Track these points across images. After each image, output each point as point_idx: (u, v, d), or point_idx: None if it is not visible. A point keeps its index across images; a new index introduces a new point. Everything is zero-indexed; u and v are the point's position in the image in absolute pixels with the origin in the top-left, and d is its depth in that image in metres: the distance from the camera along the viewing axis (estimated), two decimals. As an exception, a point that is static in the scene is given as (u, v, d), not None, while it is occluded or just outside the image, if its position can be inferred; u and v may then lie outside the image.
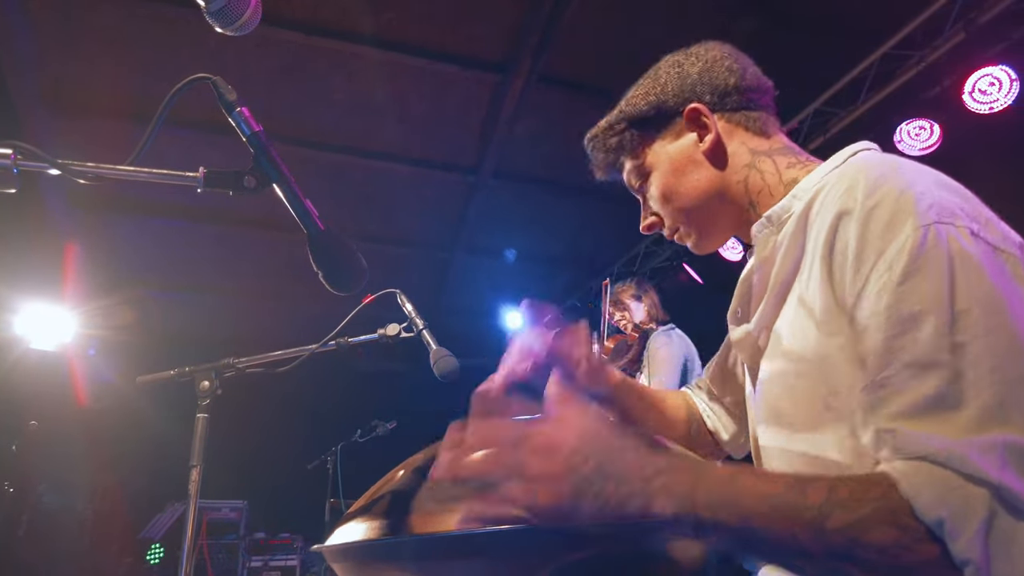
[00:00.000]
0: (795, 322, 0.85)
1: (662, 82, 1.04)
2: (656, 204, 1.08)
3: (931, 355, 0.64)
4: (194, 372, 1.66)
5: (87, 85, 4.69)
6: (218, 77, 0.92)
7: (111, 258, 6.07)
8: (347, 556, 0.80)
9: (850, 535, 0.59)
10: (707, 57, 1.04)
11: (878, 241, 0.71)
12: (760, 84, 1.04)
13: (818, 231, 0.81)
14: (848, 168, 0.84)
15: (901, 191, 0.73)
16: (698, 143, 1.01)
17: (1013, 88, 3.30)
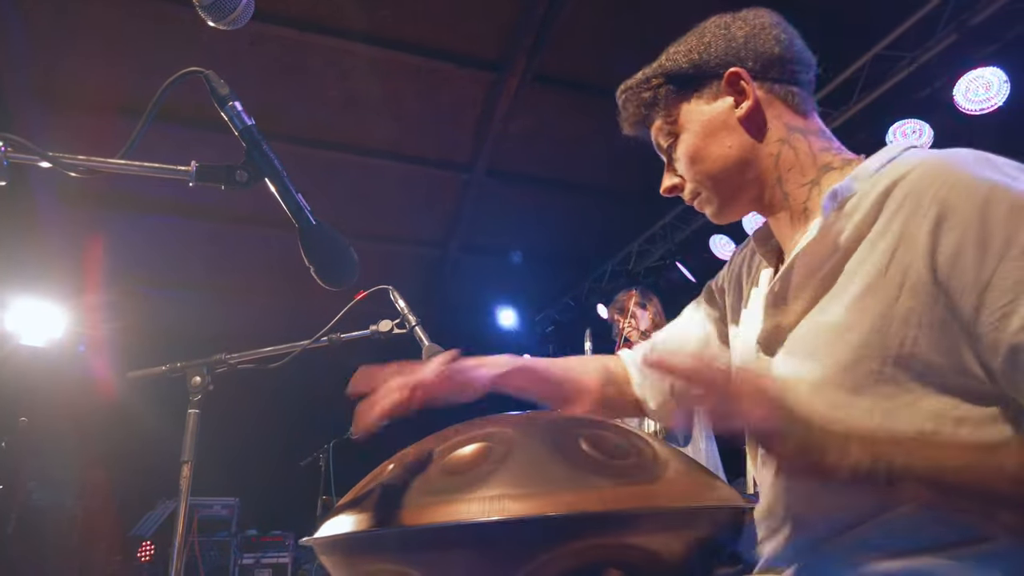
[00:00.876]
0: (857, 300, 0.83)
1: (706, 41, 1.01)
2: (682, 166, 1.04)
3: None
4: (185, 368, 1.66)
5: (79, 79, 4.67)
6: (210, 71, 0.92)
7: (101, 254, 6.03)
8: (337, 548, 0.80)
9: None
10: (755, 23, 1.00)
11: (1004, 228, 0.71)
12: (805, 58, 1.01)
13: (906, 217, 0.79)
14: (937, 158, 0.82)
15: (1013, 183, 0.74)
16: (734, 108, 0.98)
17: (1004, 89, 3.33)
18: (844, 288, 0.86)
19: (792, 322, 0.93)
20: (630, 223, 6.07)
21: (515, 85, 5.07)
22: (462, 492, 0.71)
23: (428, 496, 0.73)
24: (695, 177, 1.03)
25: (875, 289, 0.81)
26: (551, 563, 0.68)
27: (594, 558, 0.71)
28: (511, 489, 0.70)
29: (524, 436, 0.79)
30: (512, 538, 0.68)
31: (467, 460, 0.78)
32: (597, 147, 5.67)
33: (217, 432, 2.47)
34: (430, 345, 1.64)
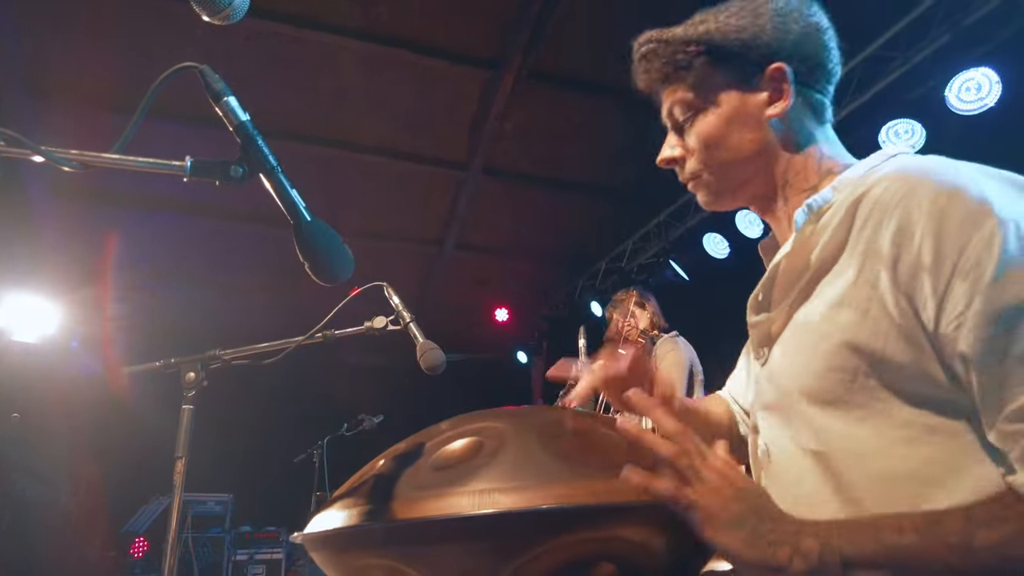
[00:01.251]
0: (829, 311, 0.84)
1: (761, 24, 0.94)
2: (693, 142, 0.99)
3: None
4: (180, 363, 1.65)
5: (72, 73, 4.65)
6: (205, 66, 0.92)
7: (95, 250, 6.00)
8: (327, 544, 0.80)
9: (1000, 552, 0.64)
10: (811, 21, 0.96)
11: (956, 237, 0.71)
12: (836, 71, 1.00)
13: (873, 230, 0.80)
14: (900, 170, 0.82)
15: (971, 188, 0.73)
16: (767, 104, 0.94)
17: (996, 90, 3.35)
18: (820, 300, 0.87)
19: (778, 332, 0.95)
20: (624, 221, 6.08)
21: (510, 82, 5.07)
22: (453, 486, 0.71)
23: (419, 490, 0.73)
24: (704, 160, 1.00)
25: (846, 301, 0.82)
26: (543, 557, 0.69)
27: (586, 551, 0.71)
28: (502, 483, 0.70)
29: (515, 430, 0.79)
30: (503, 532, 0.69)
31: (458, 454, 0.78)
32: (592, 145, 5.68)
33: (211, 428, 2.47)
34: (424, 342, 1.64)
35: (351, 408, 5.04)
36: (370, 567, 0.74)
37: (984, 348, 0.69)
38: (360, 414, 4.84)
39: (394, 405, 5.45)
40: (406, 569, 0.71)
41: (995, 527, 0.65)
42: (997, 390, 0.69)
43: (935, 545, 0.67)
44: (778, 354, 0.94)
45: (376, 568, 0.73)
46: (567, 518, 0.69)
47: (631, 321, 3.33)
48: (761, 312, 0.99)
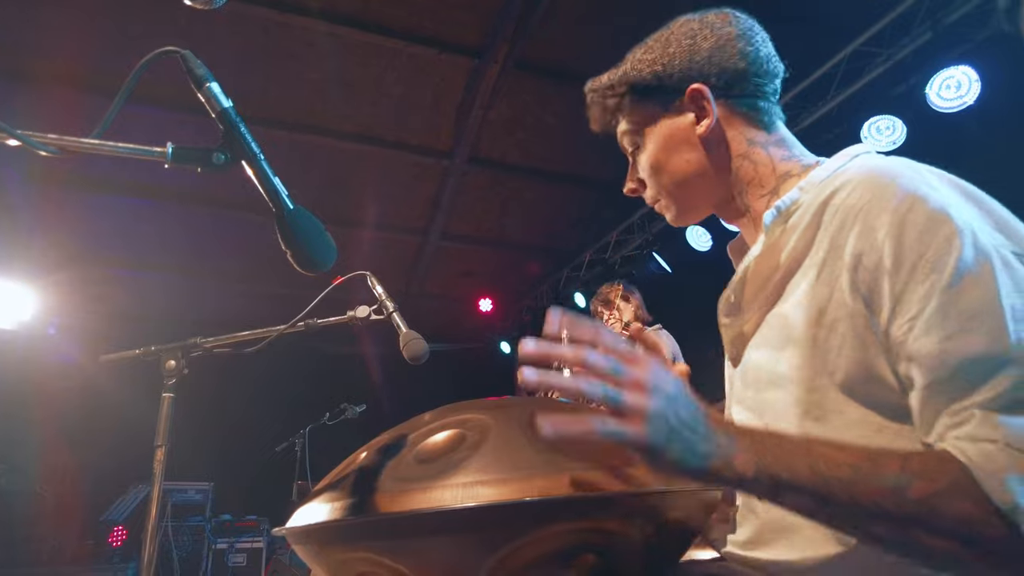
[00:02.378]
0: (797, 312, 0.86)
1: (671, 52, 0.99)
2: (644, 173, 1.06)
3: (993, 352, 0.67)
4: (160, 351, 1.63)
5: (48, 55, 4.54)
6: (187, 51, 0.91)
7: (72, 235, 5.91)
8: (310, 537, 0.80)
9: (930, 504, 0.64)
10: (722, 33, 0.99)
11: (916, 244, 0.73)
12: (771, 69, 1.01)
13: (837, 231, 0.82)
14: (866, 173, 0.83)
15: (931, 196, 0.75)
16: (695, 124, 0.99)
17: (975, 88, 3.39)
18: (788, 300, 0.89)
19: (751, 331, 0.97)
20: (609, 213, 6.10)
21: (496, 72, 5.04)
22: (436, 479, 0.71)
23: (402, 483, 0.73)
24: (655, 186, 1.06)
25: (807, 300, 0.84)
26: (525, 548, 0.69)
27: (568, 543, 0.72)
28: (485, 475, 0.70)
29: (498, 422, 0.79)
30: (486, 524, 0.69)
31: (441, 447, 0.78)
32: (577, 136, 5.66)
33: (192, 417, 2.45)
34: (407, 332, 1.63)
35: (333, 397, 5.02)
36: (354, 560, 0.74)
37: (933, 351, 0.70)
38: (342, 403, 4.83)
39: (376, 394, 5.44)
40: (390, 562, 0.71)
41: (931, 480, 0.65)
42: (942, 394, 0.70)
43: (868, 484, 0.67)
44: (750, 354, 0.96)
45: (360, 561, 0.73)
46: (549, 510, 0.69)
47: (615, 314, 3.37)
48: (732, 314, 1.01)
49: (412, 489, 0.71)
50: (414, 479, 0.73)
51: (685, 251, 5.23)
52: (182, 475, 5.33)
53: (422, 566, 0.71)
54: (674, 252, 5.42)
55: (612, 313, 3.38)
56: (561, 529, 0.71)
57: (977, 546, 0.64)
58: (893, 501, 0.65)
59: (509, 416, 0.81)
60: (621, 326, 3.33)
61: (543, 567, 0.72)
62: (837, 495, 0.67)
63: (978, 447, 0.65)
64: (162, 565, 4.94)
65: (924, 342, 0.71)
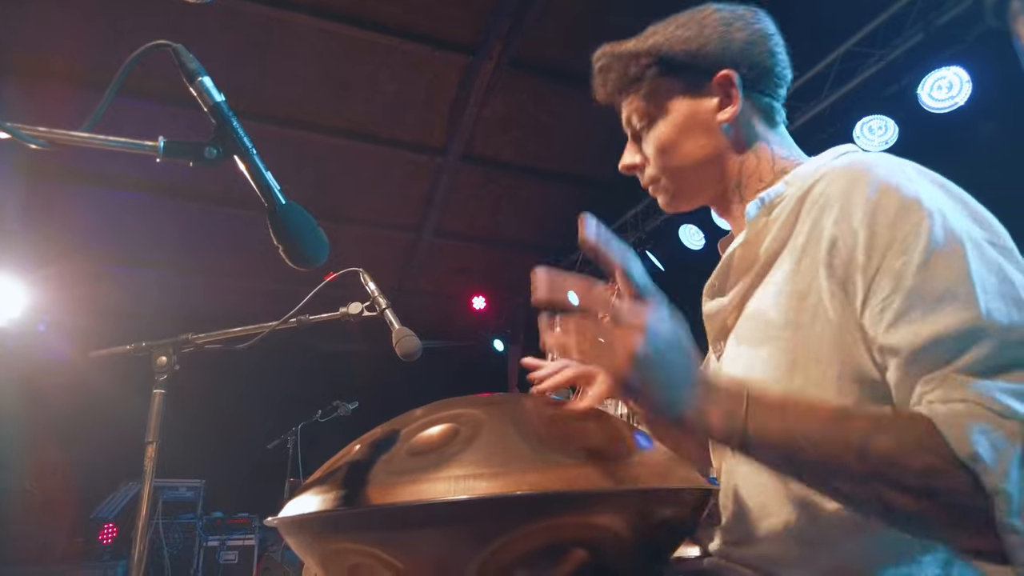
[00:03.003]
0: (777, 299, 0.87)
1: (706, 34, 0.98)
2: (650, 150, 1.04)
3: (967, 324, 0.68)
4: (151, 347, 1.63)
5: (37, 48, 4.51)
6: (179, 44, 0.90)
7: (62, 230, 5.86)
8: (302, 528, 0.80)
9: (891, 458, 0.65)
10: (755, 28, 1.00)
11: (888, 229, 0.74)
12: (786, 74, 1.03)
13: (816, 219, 0.84)
14: (845, 164, 0.85)
15: (905, 185, 0.77)
16: (717, 110, 0.98)
17: (966, 89, 3.42)
18: (766, 290, 0.91)
19: (732, 324, 0.99)
20: (602, 211, 6.05)
21: (490, 70, 5.04)
22: (428, 472, 0.72)
23: (394, 476, 0.74)
24: (660, 165, 1.04)
25: (787, 289, 0.86)
26: (516, 542, 0.69)
27: (559, 538, 0.72)
28: (477, 469, 0.71)
29: (491, 417, 0.79)
30: (477, 517, 0.69)
31: (434, 440, 0.78)
32: (571, 134, 5.68)
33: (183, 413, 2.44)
34: (400, 329, 1.64)
35: (325, 394, 5.02)
36: (345, 551, 0.74)
37: (906, 330, 0.71)
38: (334, 400, 4.82)
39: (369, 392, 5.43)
40: (381, 554, 0.71)
41: (894, 434, 0.66)
42: (916, 368, 0.71)
43: (835, 440, 0.68)
44: (731, 346, 0.98)
45: (351, 552, 0.73)
46: (541, 505, 0.69)
47: None
48: (715, 297, 1.03)
49: (404, 482, 0.71)
50: (407, 472, 0.73)
51: (678, 249, 5.25)
52: (173, 472, 5.32)
53: (414, 558, 0.71)
54: (667, 250, 5.44)
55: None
56: (552, 524, 0.71)
57: (938, 498, 0.64)
58: (858, 456, 0.66)
59: (502, 411, 0.82)
60: None
61: (533, 561, 0.72)
62: (805, 451, 0.69)
63: (948, 406, 0.66)
64: (152, 563, 4.93)
65: (898, 323, 0.72)
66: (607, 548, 0.75)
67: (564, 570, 0.75)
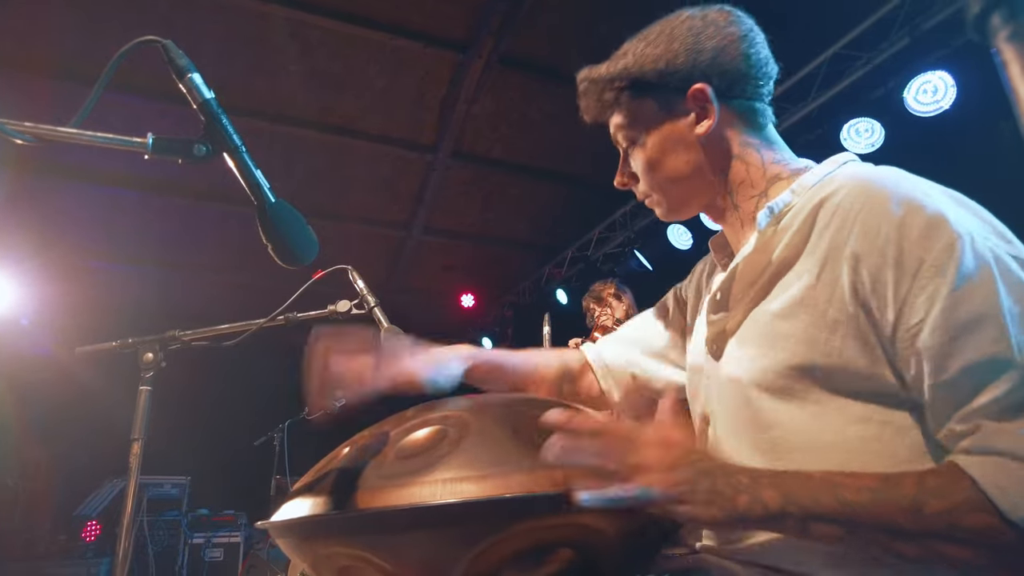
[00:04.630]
0: (794, 309, 0.87)
1: (674, 49, 0.98)
2: (638, 168, 1.06)
3: (996, 355, 0.70)
4: (137, 344, 1.62)
5: (24, 41, 4.45)
6: (168, 41, 0.90)
7: (46, 224, 5.79)
8: (293, 531, 0.81)
9: (948, 519, 0.68)
10: (725, 33, 0.99)
11: (917, 247, 0.75)
12: (768, 71, 1.02)
13: (835, 233, 0.84)
14: (861, 178, 0.85)
15: (928, 203, 0.77)
16: (694, 125, 0.99)
17: (951, 93, 3.45)
18: (778, 298, 0.90)
19: (733, 328, 0.98)
20: (591, 210, 6.11)
21: (481, 67, 5.03)
22: (417, 475, 0.72)
23: (383, 479, 0.74)
24: (648, 182, 1.06)
25: (806, 301, 0.86)
26: (504, 543, 0.70)
27: (546, 538, 0.73)
28: (464, 472, 0.71)
29: (478, 419, 0.80)
30: (465, 520, 0.70)
31: (422, 443, 0.78)
32: (561, 133, 5.68)
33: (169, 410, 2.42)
34: (389, 327, 1.63)
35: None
36: (335, 555, 0.75)
37: (938, 355, 0.73)
38: (322, 398, 4.79)
39: (357, 389, 5.41)
40: (371, 557, 0.71)
41: (946, 497, 0.68)
42: (949, 395, 0.72)
43: (888, 506, 0.70)
44: (734, 349, 0.97)
45: (341, 555, 0.74)
46: (527, 506, 0.70)
47: (607, 311, 3.42)
48: (720, 311, 1.02)
49: (393, 485, 0.71)
50: (395, 475, 0.73)
51: (666, 249, 5.27)
52: (158, 469, 5.28)
53: (402, 560, 0.71)
54: (655, 250, 5.45)
55: (604, 310, 3.43)
56: (538, 525, 0.72)
57: (995, 554, 0.67)
58: (912, 519, 0.69)
59: (489, 413, 0.82)
60: (612, 322, 3.38)
61: (521, 562, 0.73)
62: (861, 519, 0.71)
63: (984, 460, 0.68)
64: (137, 560, 4.89)
65: (930, 345, 0.73)
66: (594, 547, 0.76)
67: (552, 570, 0.75)
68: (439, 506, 0.68)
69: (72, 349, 1.69)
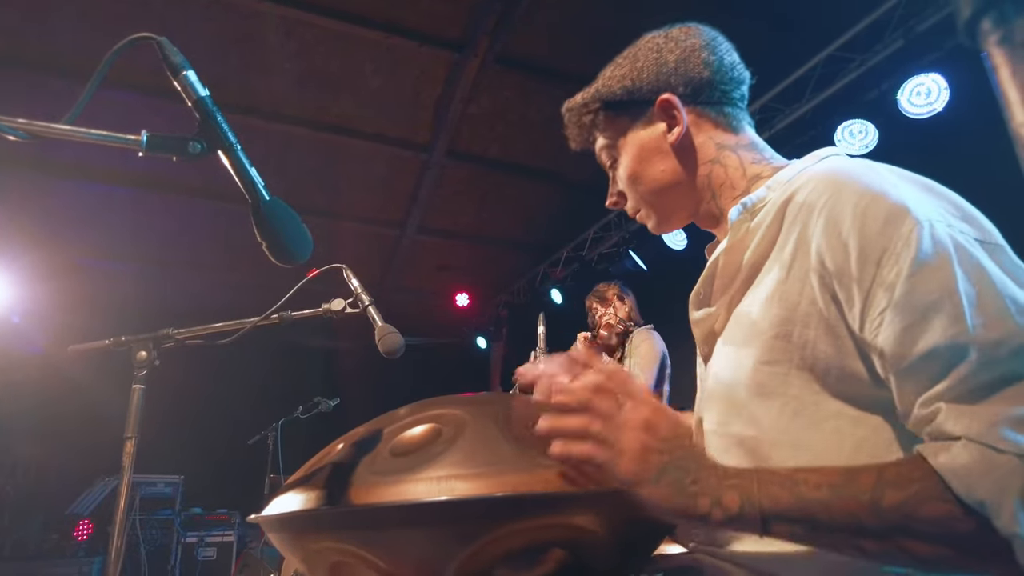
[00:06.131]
0: (766, 305, 0.87)
1: (639, 67, 1.05)
2: (623, 184, 1.11)
3: (952, 339, 0.69)
4: (131, 342, 1.61)
5: (16, 36, 4.42)
6: (163, 38, 0.89)
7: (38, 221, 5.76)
8: (285, 526, 0.80)
9: (904, 511, 0.66)
10: (686, 45, 1.04)
11: (878, 237, 0.75)
12: (736, 76, 1.06)
13: (802, 227, 0.84)
14: (826, 171, 0.86)
15: (891, 192, 0.77)
16: (666, 133, 1.03)
17: (944, 95, 3.47)
18: (754, 295, 0.91)
19: (720, 329, 0.99)
20: (586, 210, 6.12)
21: (476, 66, 5.03)
22: (410, 472, 0.72)
23: (377, 476, 0.74)
24: (633, 196, 1.10)
25: (778, 296, 0.86)
26: (497, 543, 0.70)
27: (539, 538, 0.73)
28: (459, 470, 0.71)
29: (473, 417, 0.80)
30: (458, 518, 0.69)
31: (416, 441, 0.78)
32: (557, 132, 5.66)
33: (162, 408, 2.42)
34: (383, 326, 1.63)
35: (307, 391, 4.99)
36: (327, 550, 0.74)
37: (897, 342, 0.72)
38: (316, 397, 4.79)
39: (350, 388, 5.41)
40: (363, 553, 0.71)
41: (902, 487, 0.67)
42: (910, 383, 0.72)
43: (847, 501, 0.68)
44: (719, 350, 0.98)
45: (333, 551, 0.74)
46: (521, 505, 0.70)
47: (610, 311, 3.46)
48: (702, 308, 1.03)
49: (387, 482, 0.71)
50: (389, 472, 0.73)
51: (661, 250, 5.29)
52: (151, 468, 5.26)
53: (395, 557, 0.71)
54: (650, 250, 5.47)
55: (607, 311, 3.47)
56: (532, 524, 0.71)
57: (960, 543, 0.66)
58: (871, 513, 0.67)
59: (484, 412, 0.82)
60: (616, 321, 3.42)
61: (514, 561, 0.73)
62: (819, 517, 0.69)
63: (941, 446, 0.67)
64: (129, 559, 4.87)
65: (889, 334, 0.73)
66: (587, 547, 0.76)
67: (544, 569, 0.76)
68: (432, 503, 0.68)
69: (65, 347, 1.68)
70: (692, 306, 1.06)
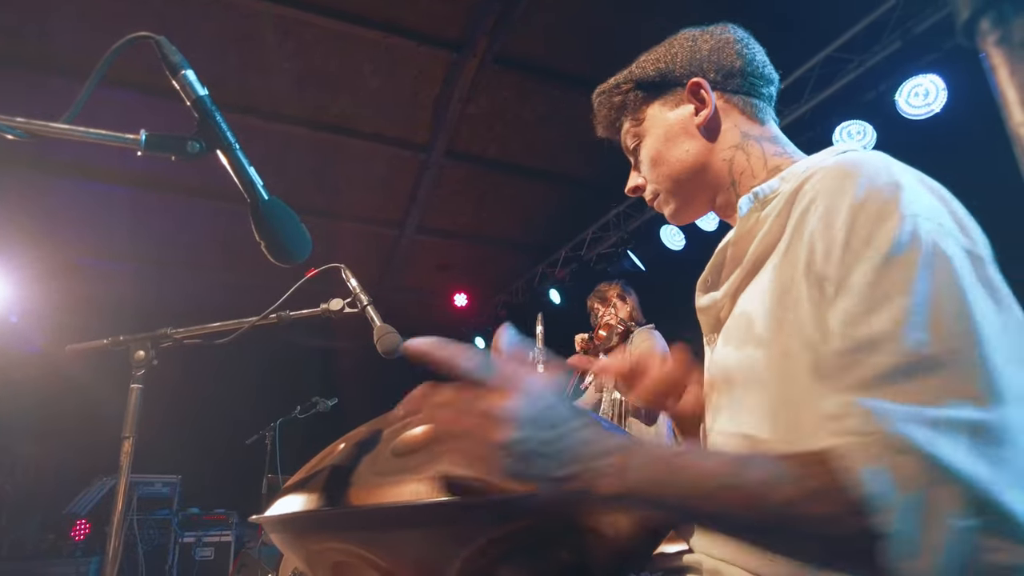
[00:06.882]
0: (763, 297, 0.87)
1: (673, 52, 1.09)
2: (644, 167, 1.12)
3: (883, 332, 0.67)
4: (129, 342, 1.61)
5: (16, 36, 4.42)
6: (162, 37, 0.89)
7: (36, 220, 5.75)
8: (287, 527, 0.80)
9: (788, 509, 0.62)
10: (721, 37, 1.08)
11: (865, 230, 0.74)
12: (765, 74, 1.09)
13: (801, 216, 0.83)
14: (840, 162, 0.85)
15: (891, 186, 0.76)
16: (694, 115, 1.05)
17: (942, 97, 3.48)
18: (757, 285, 0.92)
19: (725, 317, 1.00)
20: (585, 210, 6.13)
21: (475, 66, 5.03)
22: (412, 472, 0.72)
23: (379, 476, 0.74)
24: (655, 179, 1.11)
25: (778, 283, 0.86)
26: (499, 543, 0.70)
27: (540, 537, 0.73)
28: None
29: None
30: (460, 518, 0.70)
31: (418, 441, 0.78)
32: (555, 132, 5.69)
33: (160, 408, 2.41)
34: (381, 325, 1.63)
35: (305, 391, 4.98)
36: (329, 551, 0.74)
37: (841, 321, 0.71)
38: (314, 397, 4.78)
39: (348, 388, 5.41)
40: (365, 553, 0.71)
41: (796, 482, 0.63)
42: (834, 367, 0.70)
43: (728, 495, 0.64)
44: (722, 339, 0.99)
45: (335, 552, 0.74)
46: (522, 506, 0.70)
47: (611, 311, 3.47)
48: (709, 292, 1.04)
49: (389, 482, 0.71)
50: (391, 472, 0.73)
51: (659, 250, 5.29)
52: (149, 468, 5.25)
53: (397, 557, 0.71)
54: (649, 250, 5.47)
55: (608, 310, 3.48)
56: (533, 524, 0.71)
57: (840, 545, 0.63)
58: (753, 508, 0.63)
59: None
60: (616, 321, 3.43)
61: (515, 561, 0.73)
62: (701, 508, 0.66)
63: (846, 441, 0.64)
64: (127, 559, 4.86)
65: (837, 313, 0.72)
66: (590, 548, 0.76)
67: (546, 568, 0.76)
68: (434, 504, 0.68)
69: (63, 346, 1.68)
70: (699, 291, 1.07)
